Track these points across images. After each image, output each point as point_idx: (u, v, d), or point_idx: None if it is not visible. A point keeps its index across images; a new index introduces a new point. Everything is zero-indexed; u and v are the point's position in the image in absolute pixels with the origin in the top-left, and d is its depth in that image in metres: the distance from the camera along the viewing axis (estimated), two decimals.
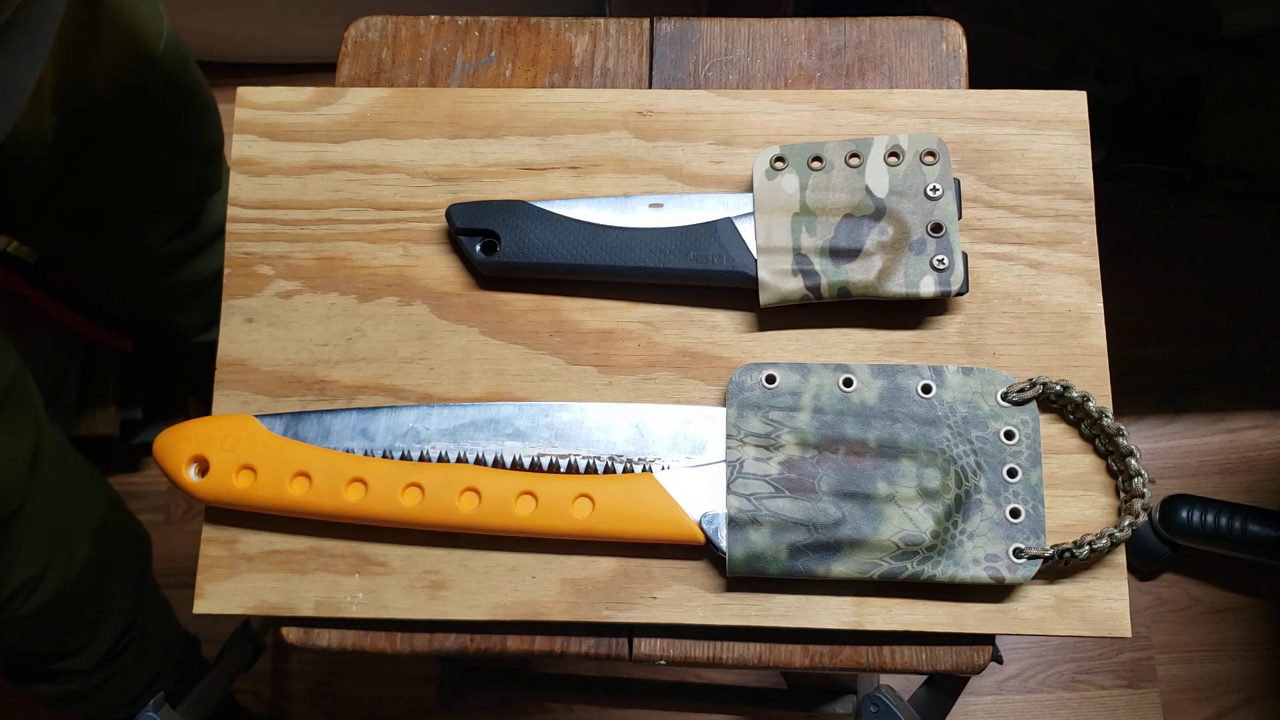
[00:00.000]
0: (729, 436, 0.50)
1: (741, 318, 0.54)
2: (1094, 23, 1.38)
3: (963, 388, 0.51)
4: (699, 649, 0.52)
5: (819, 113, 0.56)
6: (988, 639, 0.51)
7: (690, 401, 0.53)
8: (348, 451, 0.51)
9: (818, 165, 0.53)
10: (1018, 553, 0.48)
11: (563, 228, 0.53)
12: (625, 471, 0.51)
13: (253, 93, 0.58)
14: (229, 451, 0.50)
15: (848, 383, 0.51)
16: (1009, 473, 0.50)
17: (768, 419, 0.50)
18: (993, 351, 0.53)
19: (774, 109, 0.57)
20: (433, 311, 0.55)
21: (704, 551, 0.51)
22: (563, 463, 0.51)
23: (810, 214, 0.53)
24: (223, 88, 1.45)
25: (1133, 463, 0.50)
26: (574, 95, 0.57)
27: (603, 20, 0.60)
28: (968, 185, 0.55)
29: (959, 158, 0.55)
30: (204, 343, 1.09)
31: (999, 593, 0.50)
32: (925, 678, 0.65)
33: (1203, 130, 1.35)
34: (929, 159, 0.53)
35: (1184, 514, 1.16)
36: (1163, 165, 1.34)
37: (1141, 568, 1.23)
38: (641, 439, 0.51)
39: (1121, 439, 0.50)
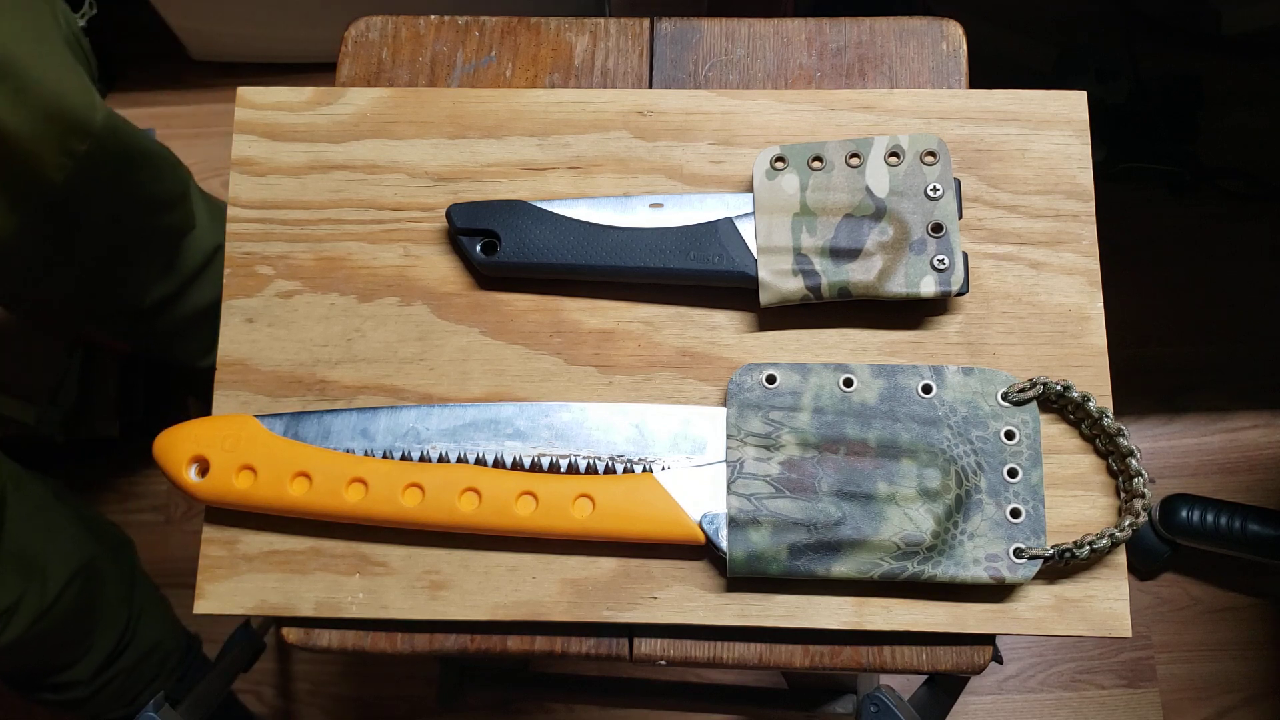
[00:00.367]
0: (729, 436, 0.50)
1: (742, 318, 0.54)
2: (1094, 23, 1.38)
3: (963, 388, 0.51)
4: (699, 649, 0.52)
5: (819, 113, 0.56)
6: (988, 639, 0.51)
7: (690, 401, 0.53)
8: (348, 452, 0.51)
9: (818, 165, 0.53)
10: (1018, 553, 0.48)
11: (563, 228, 0.53)
12: (625, 472, 0.51)
13: (253, 93, 0.58)
14: (229, 452, 0.50)
15: (848, 383, 0.51)
16: (1009, 473, 0.50)
17: (768, 419, 0.50)
18: (993, 351, 0.53)
19: (774, 109, 0.57)
20: (433, 312, 0.55)
21: (704, 552, 0.51)
22: (563, 463, 0.51)
23: (810, 214, 0.53)
24: (223, 88, 1.46)
25: (1133, 463, 0.49)
26: (574, 95, 0.57)
27: (603, 20, 0.60)
28: (968, 185, 0.55)
29: (959, 158, 0.55)
30: (207, 367, 1.09)
31: (999, 593, 0.50)
32: (925, 678, 0.65)
33: (1203, 130, 1.35)
34: (929, 159, 0.53)
35: (1184, 513, 1.16)
36: (1163, 165, 1.34)
37: (1141, 567, 1.23)
38: (642, 439, 0.51)
39: (1122, 439, 0.50)
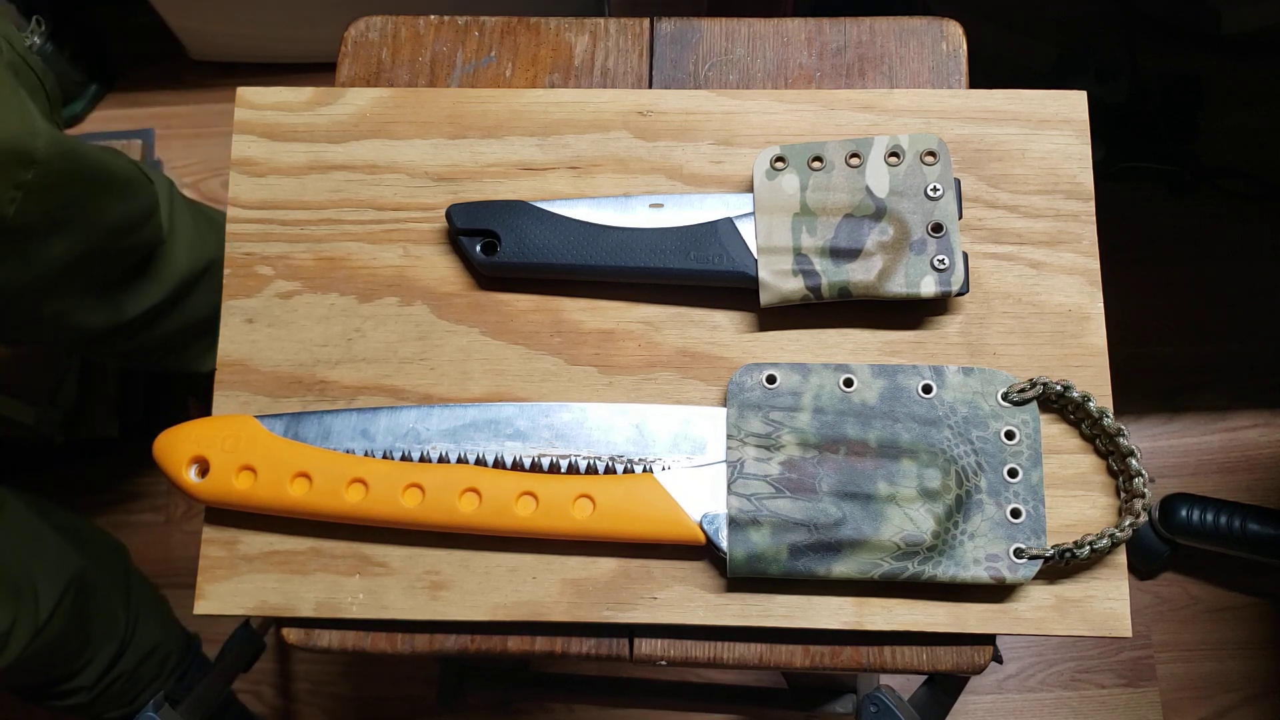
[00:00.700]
0: (729, 437, 0.50)
1: (742, 318, 0.54)
2: (1094, 23, 1.38)
3: (963, 388, 0.51)
4: (700, 649, 0.52)
5: (819, 113, 0.56)
6: (988, 639, 0.51)
7: (691, 402, 0.53)
8: (348, 452, 0.51)
9: (818, 165, 0.53)
10: (1018, 553, 0.48)
11: (563, 228, 0.53)
12: (626, 472, 0.51)
13: (252, 93, 0.57)
14: (229, 452, 0.50)
15: (848, 383, 0.51)
16: (1009, 473, 0.50)
17: (768, 419, 0.50)
18: (993, 351, 0.53)
19: (774, 109, 0.57)
20: (433, 312, 0.55)
21: (704, 552, 0.51)
22: (563, 463, 0.51)
23: (811, 214, 0.53)
24: (222, 88, 1.46)
25: (1133, 463, 0.49)
26: (574, 95, 0.57)
27: (603, 20, 0.60)
28: (968, 185, 0.55)
29: (959, 158, 0.55)
30: (208, 372, 1.09)
31: (999, 593, 0.50)
32: (925, 677, 0.65)
33: (1203, 130, 1.35)
34: (929, 159, 0.53)
35: (1184, 513, 1.16)
36: (1162, 165, 1.34)
37: (1141, 567, 1.23)
38: (642, 439, 0.51)
39: (1122, 439, 0.50)
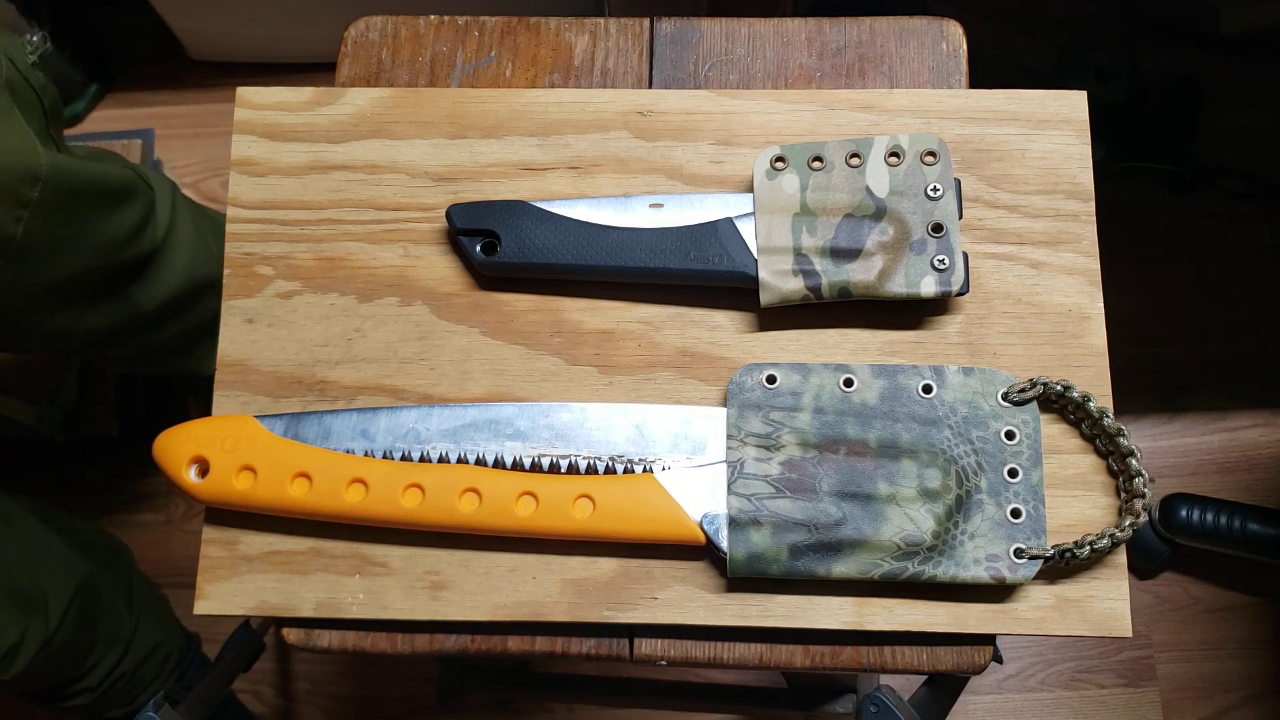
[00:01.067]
0: (730, 437, 0.50)
1: (742, 318, 0.54)
2: (1094, 23, 1.38)
3: (963, 388, 0.51)
4: (700, 649, 0.52)
5: (819, 113, 0.56)
6: (988, 639, 0.51)
7: (691, 402, 0.53)
8: (348, 452, 0.51)
9: (818, 165, 0.53)
10: (1018, 553, 0.48)
11: (563, 228, 0.53)
12: (626, 472, 0.51)
13: (252, 93, 0.57)
14: (229, 452, 0.50)
15: (848, 383, 0.51)
16: (1010, 473, 0.50)
17: (768, 419, 0.50)
18: (993, 351, 0.53)
19: (774, 109, 0.57)
20: (433, 312, 0.55)
21: (705, 552, 0.51)
22: (563, 463, 0.51)
23: (811, 214, 0.53)
24: (222, 88, 1.46)
25: (1133, 463, 0.49)
26: (574, 95, 0.57)
27: (603, 20, 0.60)
28: (968, 185, 0.55)
29: (959, 158, 0.55)
30: (211, 374, 1.09)
31: (1000, 593, 0.50)
32: (925, 677, 0.65)
33: (1202, 130, 1.35)
34: (929, 159, 0.53)
35: (1184, 513, 1.16)
36: (1162, 165, 1.34)
37: (1141, 567, 1.23)
38: (642, 439, 0.51)
39: (1122, 439, 0.50)
